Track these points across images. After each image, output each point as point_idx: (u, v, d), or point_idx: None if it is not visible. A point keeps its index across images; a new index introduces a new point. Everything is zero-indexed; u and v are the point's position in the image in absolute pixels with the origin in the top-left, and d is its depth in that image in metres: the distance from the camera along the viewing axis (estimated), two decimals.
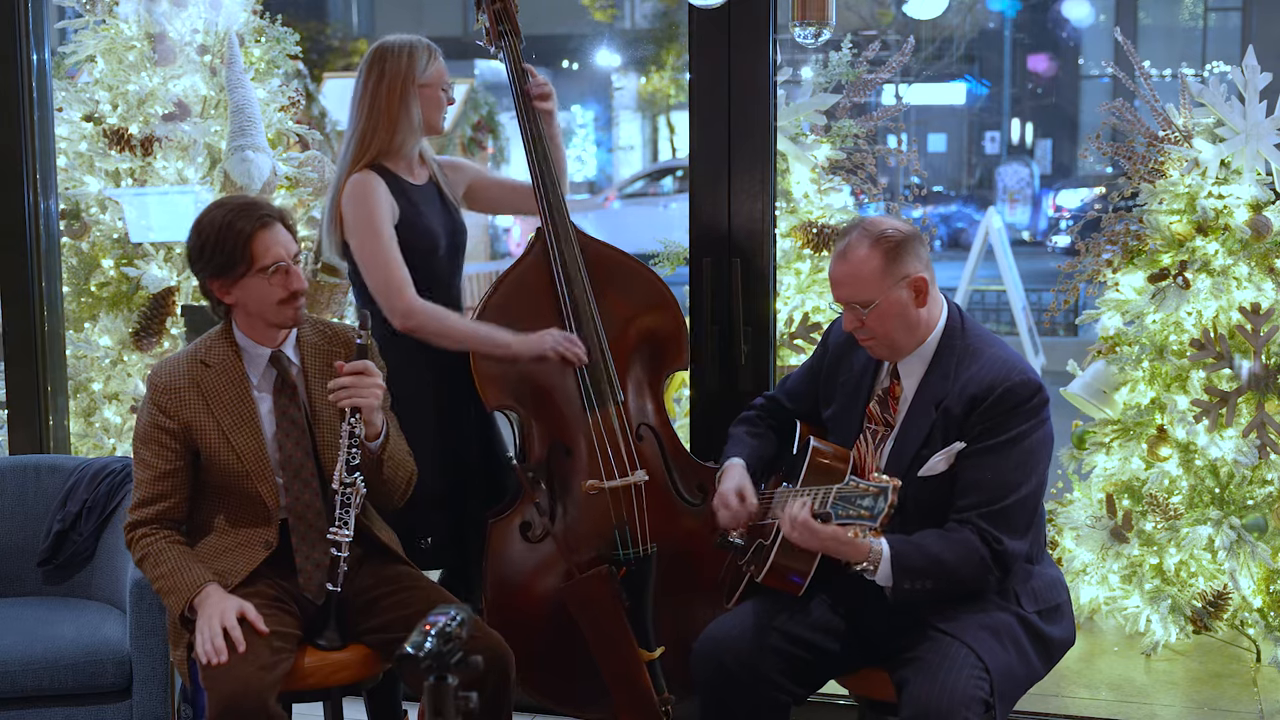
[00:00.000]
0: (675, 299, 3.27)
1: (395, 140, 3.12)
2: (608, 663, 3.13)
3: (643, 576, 3.15)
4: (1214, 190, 3.85)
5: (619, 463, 3.14)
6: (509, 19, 3.20)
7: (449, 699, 1.80)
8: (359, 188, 3.09)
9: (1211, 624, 3.91)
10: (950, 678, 2.48)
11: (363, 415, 2.78)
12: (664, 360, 3.26)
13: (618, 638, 3.11)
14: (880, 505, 2.43)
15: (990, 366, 2.64)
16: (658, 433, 3.23)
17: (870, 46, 4.31)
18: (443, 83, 3.18)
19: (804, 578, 2.67)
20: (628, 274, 3.25)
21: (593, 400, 3.14)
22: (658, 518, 3.19)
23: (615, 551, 3.15)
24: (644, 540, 3.17)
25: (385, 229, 3.08)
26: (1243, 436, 3.81)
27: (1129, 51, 4.22)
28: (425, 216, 3.18)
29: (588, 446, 3.15)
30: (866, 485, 2.46)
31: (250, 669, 2.59)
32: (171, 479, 2.82)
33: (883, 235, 2.65)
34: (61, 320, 4.28)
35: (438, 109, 3.17)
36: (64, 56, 4.51)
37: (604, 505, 3.16)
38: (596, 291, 3.19)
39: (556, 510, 3.18)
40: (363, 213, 3.08)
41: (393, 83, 3.11)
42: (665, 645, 3.17)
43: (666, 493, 3.21)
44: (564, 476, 3.18)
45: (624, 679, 3.12)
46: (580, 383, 3.14)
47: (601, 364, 3.15)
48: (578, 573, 3.13)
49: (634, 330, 3.24)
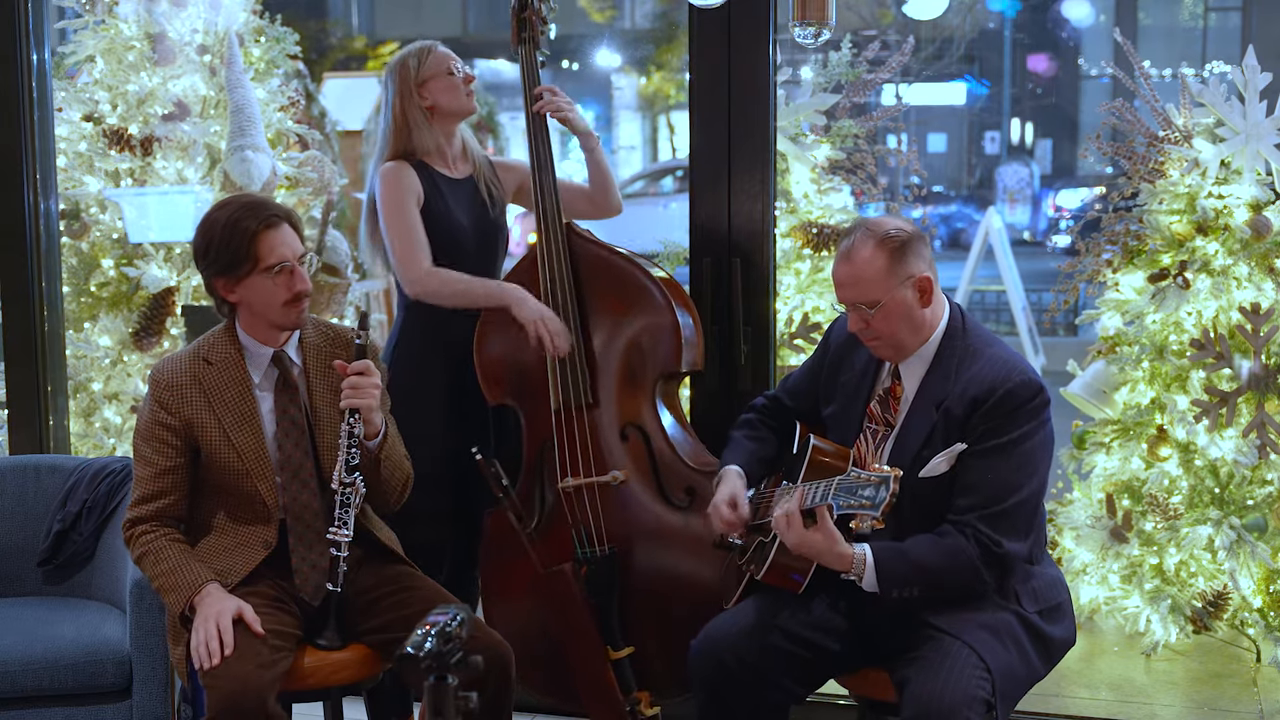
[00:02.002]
0: (671, 305, 3.23)
1: (413, 142, 3.31)
2: (573, 659, 3.20)
3: (605, 576, 3.21)
4: (1214, 190, 3.85)
5: (585, 463, 3.22)
6: (531, 28, 3.35)
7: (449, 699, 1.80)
8: (388, 174, 3.28)
9: (1211, 624, 3.91)
10: (952, 678, 2.48)
11: (362, 415, 2.78)
12: (655, 361, 3.25)
13: (581, 634, 3.19)
14: (882, 494, 2.43)
15: (991, 367, 2.63)
16: (647, 433, 3.23)
17: (870, 46, 4.32)
18: (445, 68, 3.33)
19: (804, 575, 2.67)
20: (621, 280, 3.28)
21: (562, 399, 3.23)
22: (628, 520, 3.22)
23: (576, 550, 3.22)
24: (600, 540, 3.22)
25: (409, 206, 3.26)
26: (1243, 436, 3.81)
27: (1129, 51, 4.22)
28: (451, 207, 3.31)
29: (563, 445, 3.23)
30: (868, 475, 2.46)
31: (249, 668, 2.59)
32: (172, 476, 2.82)
33: (887, 236, 2.65)
34: (61, 320, 4.28)
35: (452, 92, 3.33)
36: (64, 56, 4.51)
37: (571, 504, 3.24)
38: (589, 296, 3.26)
39: (537, 506, 3.27)
40: (389, 194, 3.26)
41: (402, 92, 3.32)
42: (640, 645, 3.22)
43: (648, 494, 3.22)
44: (549, 474, 3.27)
45: (589, 676, 3.19)
46: (553, 380, 3.22)
47: (572, 365, 3.22)
48: (542, 569, 3.20)
49: (623, 335, 3.26)
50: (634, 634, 3.23)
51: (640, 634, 3.23)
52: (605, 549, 3.22)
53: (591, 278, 3.27)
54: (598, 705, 3.20)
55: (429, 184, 3.30)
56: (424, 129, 3.31)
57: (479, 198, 3.38)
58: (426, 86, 3.30)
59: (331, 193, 4.49)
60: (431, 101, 3.31)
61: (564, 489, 3.23)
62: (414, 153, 3.31)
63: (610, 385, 3.26)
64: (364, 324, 2.85)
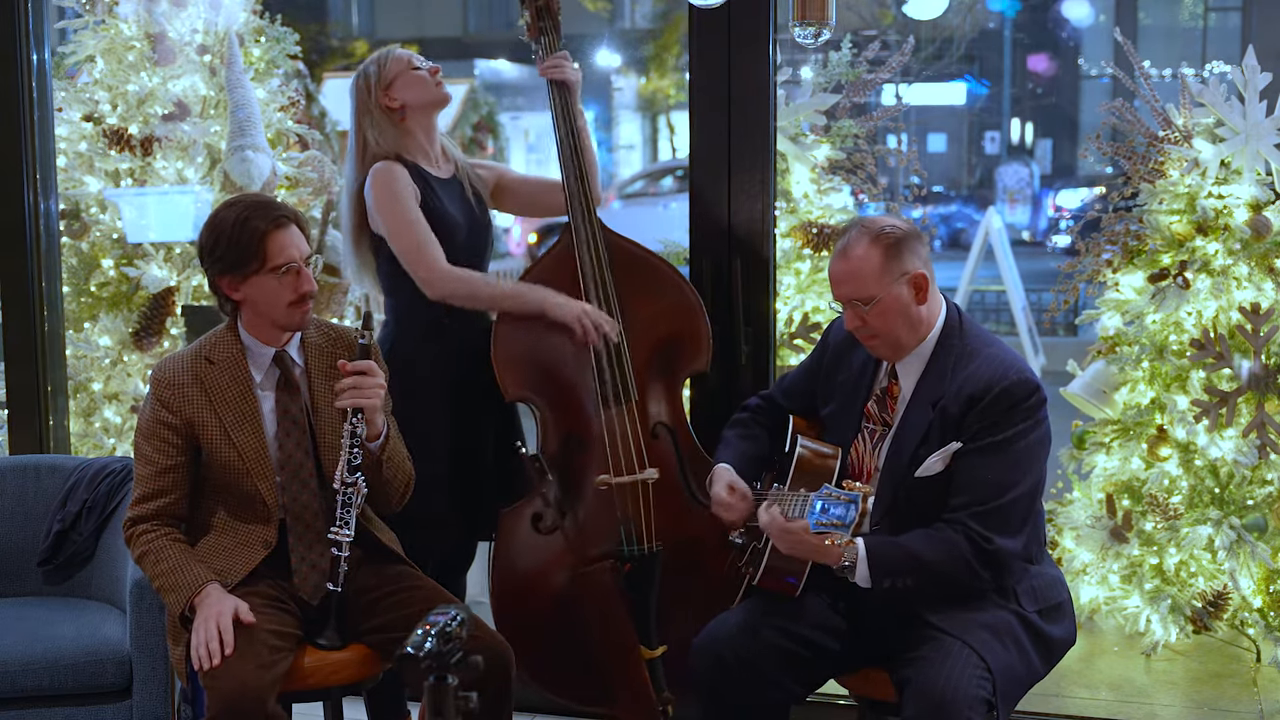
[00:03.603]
0: (700, 302, 3.27)
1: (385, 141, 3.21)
2: (609, 658, 3.15)
3: (647, 574, 3.17)
4: (1214, 190, 3.85)
5: (629, 460, 3.16)
6: (550, 16, 3.28)
7: (449, 699, 1.80)
8: (381, 174, 3.17)
9: (1211, 624, 3.91)
10: (952, 677, 2.48)
11: (365, 415, 2.78)
12: (684, 361, 3.27)
13: (619, 633, 3.14)
14: (852, 514, 2.46)
15: (987, 366, 2.64)
16: (674, 431, 3.24)
17: (870, 46, 4.31)
18: (404, 67, 3.22)
19: (799, 578, 2.68)
20: (654, 274, 3.27)
21: (606, 397, 3.16)
22: (665, 516, 3.20)
23: (621, 547, 3.17)
24: (649, 538, 3.18)
25: (411, 206, 3.16)
26: (1243, 436, 3.81)
27: (1129, 51, 4.22)
28: (445, 204, 3.24)
29: (599, 442, 3.17)
30: (839, 494, 2.49)
31: (249, 669, 2.59)
32: (172, 474, 2.82)
33: (882, 232, 2.66)
34: (61, 320, 4.28)
35: (419, 84, 3.23)
36: (64, 56, 4.51)
37: (612, 501, 3.18)
38: (621, 291, 3.21)
39: (566, 503, 3.20)
40: (387, 195, 3.16)
41: (362, 102, 3.23)
42: (670, 645, 3.17)
43: (677, 492, 3.21)
44: (577, 470, 3.21)
45: (624, 675, 3.14)
46: (596, 378, 3.17)
47: (617, 361, 3.17)
48: (583, 566, 3.15)
49: (657, 331, 3.25)
50: (664, 634, 3.19)
51: (670, 634, 3.19)
52: (653, 546, 3.18)
53: (624, 271, 3.23)
54: (632, 706, 3.15)
55: (422, 182, 3.21)
56: (388, 129, 3.21)
57: (466, 196, 3.33)
58: (393, 88, 3.21)
59: (332, 193, 4.49)
60: (401, 100, 3.21)
61: (605, 486, 3.15)
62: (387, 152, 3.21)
63: (645, 382, 3.23)
64: (368, 324, 2.84)
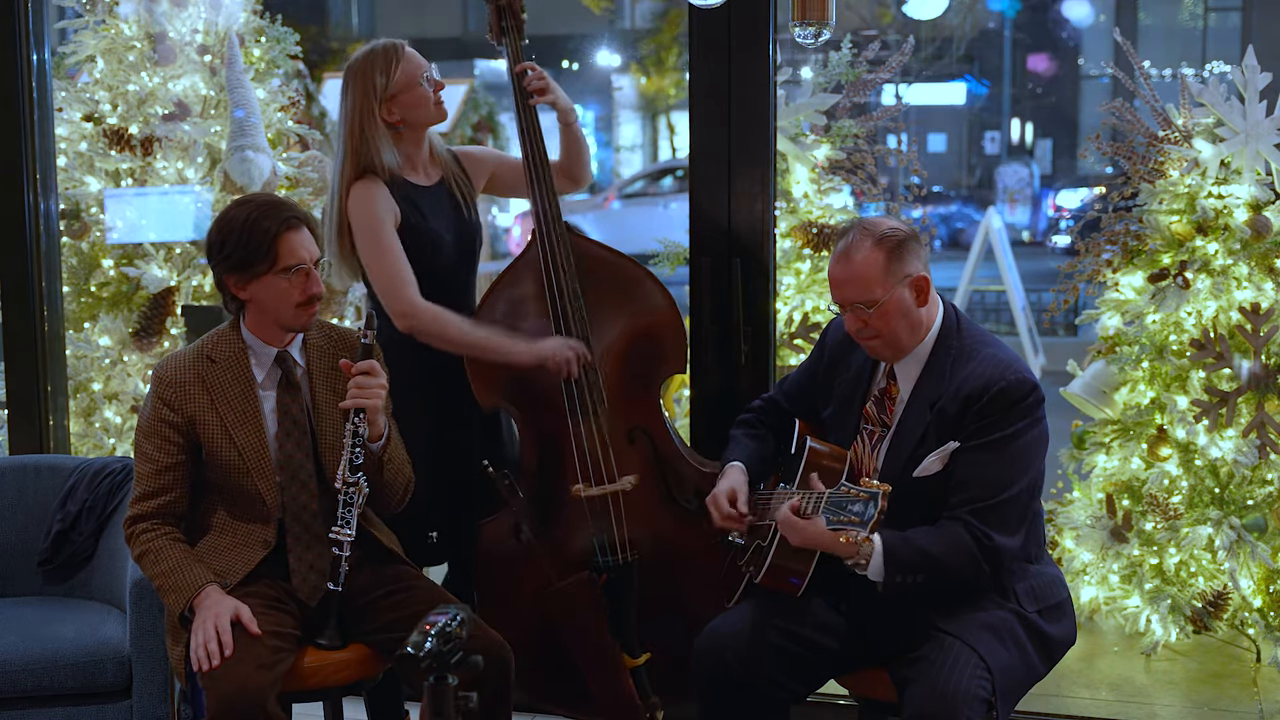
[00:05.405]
0: (673, 302, 3.22)
1: (382, 158, 3.11)
2: (591, 668, 3.13)
3: (624, 584, 3.14)
4: (1214, 190, 3.85)
5: (598, 470, 3.13)
6: (512, 15, 3.20)
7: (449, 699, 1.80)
8: (359, 196, 3.09)
9: (1211, 624, 3.91)
10: (953, 677, 2.48)
11: (366, 415, 2.78)
12: (660, 364, 3.23)
13: (600, 644, 3.11)
14: (870, 511, 2.44)
15: (985, 366, 2.64)
16: (652, 436, 3.19)
17: (870, 46, 4.31)
18: (416, 79, 3.12)
19: (802, 578, 2.67)
20: (623, 278, 3.22)
21: (575, 408, 3.12)
22: (642, 525, 3.17)
23: (596, 558, 3.15)
24: (623, 548, 3.15)
25: (386, 231, 3.08)
26: (1243, 436, 3.81)
27: (1129, 51, 4.22)
28: (429, 219, 3.16)
29: (573, 452, 3.14)
30: (857, 490, 2.47)
31: (249, 669, 2.59)
32: (173, 473, 2.82)
33: (884, 235, 2.66)
34: (61, 320, 4.28)
35: (423, 105, 3.14)
36: (64, 56, 4.51)
37: (585, 512, 3.15)
38: (590, 296, 3.16)
39: (541, 515, 3.16)
40: (364, 219, 3.09)
41: (362, 108, 3.11)
42: (654, 650, 3.16)
43: (656, 497, 3.19)
44: (553, 479, 3.17)
45: (607, 685, 3.12)
46: (563, 389, 3.12)
47: (585, 373, 3.12)
48: (557, 579, 3.12)
49: (629, 334, 3.21)
50: (650, 640, 3.17)
51: (656, 639, 3.18)
52: (628, 556, 3.15)
53: (592, 277, 3.18)
54: (617, 715, 3.13)
55: (404, 201, 3.12)
56: (387, 146, 3.11)
57: (454, 202, 3.24)
58: (396, 101, 3.11)
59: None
60: (400, 116, 3.12)
61: (578, 496, 3.12)
62: (378, 169, 3.10)
63: (617, 388, 3.19)
64: (370, 324, 2.84)
